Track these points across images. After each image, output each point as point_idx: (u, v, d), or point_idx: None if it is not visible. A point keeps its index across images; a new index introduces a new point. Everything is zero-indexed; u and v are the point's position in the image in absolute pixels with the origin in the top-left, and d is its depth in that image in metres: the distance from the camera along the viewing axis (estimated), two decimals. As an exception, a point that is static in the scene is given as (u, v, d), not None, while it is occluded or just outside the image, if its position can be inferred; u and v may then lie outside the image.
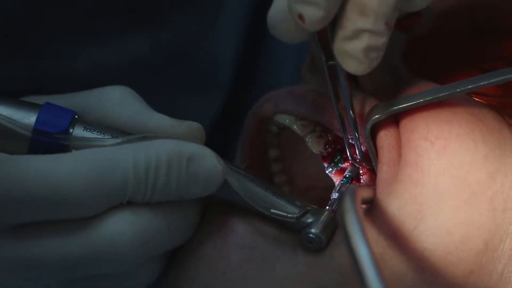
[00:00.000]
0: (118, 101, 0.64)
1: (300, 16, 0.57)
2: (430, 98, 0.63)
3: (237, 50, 0.89)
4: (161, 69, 0.82)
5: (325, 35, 0.59)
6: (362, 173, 0.68)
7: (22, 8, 0.71)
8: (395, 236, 0.61)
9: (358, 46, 0.57)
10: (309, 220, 0.64)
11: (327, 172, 0.69)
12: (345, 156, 0.69)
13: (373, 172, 0.68)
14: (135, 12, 0.77)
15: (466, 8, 0.70)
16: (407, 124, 0.64)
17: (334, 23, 0.58)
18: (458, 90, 0.62)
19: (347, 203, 0.55)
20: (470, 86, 0.61)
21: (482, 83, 0.61)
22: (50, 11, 0.72)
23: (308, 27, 0.57)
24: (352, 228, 0.54)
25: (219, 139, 0.67)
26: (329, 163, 0.69)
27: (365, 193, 0.63)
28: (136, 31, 0.78)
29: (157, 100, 0.66)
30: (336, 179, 0.70)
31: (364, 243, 0.53)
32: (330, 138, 0.69)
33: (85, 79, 0.68)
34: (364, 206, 0.64)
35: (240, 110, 0.78)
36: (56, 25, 0.73)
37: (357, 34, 0.57)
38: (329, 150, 0.69)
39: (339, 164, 0.69)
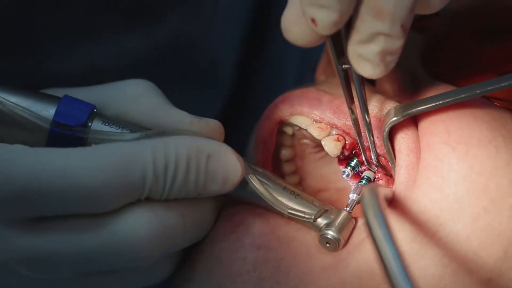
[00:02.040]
0: (138, 95, 0.64)
1: (313, 20, 0.56)
2: (450, 100, 0.62)
3: (237, 48, 0.89)
4: (158, 68, 0.81)
5: (340, 38, 0.58)
6: (378, 177, 0.68)
7: (18, 7, 0.71)
8: (415, 241, 0.60)
9: (374, 49, 0.56)
10: (327, 221, 0.63)
11: (343, 176, 0.69)
12: (361, 160, 0.68)
13: (389, 177, 0.67)
14: (131, 11, 0.77)
15: (481, 9, 0.70)
16: (426, 127, 0.63)
17: (348, 26, 0.57)
18: (478, 91, 0.61)
19: (372, 199, 0.55)
20: (490, 88, 0.60)
21: (503, 84, 0.60)
22: (45, 10, 0.72)
23: (320, 31, 0.56)
24: (378, 223, 0.53)
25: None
26: (346, 167, 0.69)
27: (385, 193, 0.62)
28: (132, 31, 0.78)
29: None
30: (353, 183, 0.69)
31: (389, 237, 0.52)
32: (346, 142, 0.68)
33: (81, 78, 0.68)
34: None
35: (243, 109, 0.77)
36: (51, 24, 0.73)
37: (372, 37, 0.56)
38: (346, 153, 0.69)
39: (356, 169, 0.68)
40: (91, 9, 0.75)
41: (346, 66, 0.61)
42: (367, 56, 0.56)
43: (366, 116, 0.64)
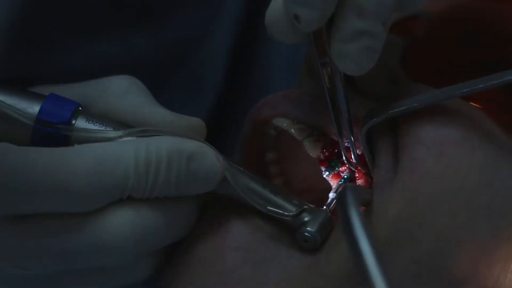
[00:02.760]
0: (122, 92, 0.65)
1: (296, 17, 0.57)
2: (427, 102, 0.63)
3: (230, 51, 0.89)
4: (161, 68, 0.82)
5: (322, 36, 0.59)
6: (357, 177, 0.69)
7: (24, 3, 0.72)
8: (392, 241, 0.61)
9: (356, 47, 0.57)
10: (306, 219, 0.64)
11: (324, 176, 0.70)
12: (342, 160, 0.69)
13: (369, 177, 0.68)
14: (138, 9, 0.78)
15: (463, 12, 0.71)
16: (404, 128, 0.64)
17: (330, 24, 0.58)
18: (455, 93, 0.62)
19: (349, 198, 0.56)
20: (466, 90, 0.62)
21: (479, 86, 0.61)
22: (51, 6, 0.73)
23: (303, 28, 0.57)
24: (355, 222, 0.54)
25: (208, 139, 0.67)
26: (327, 167, 0.70)
27: (364, 194, 0.63)
28: (138, 29, 0.78)
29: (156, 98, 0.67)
30: (334, 183, 0.70)
31: (366, 235, 0.53)
32: (327, 142, 0.69)
33: (85, 75, 0.69)
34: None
35: (232, 111, 0.78)
36: (57, 20, 0.74)
37: (354, 35, 0.57)
38: (327, 154, 0.70)
39: (336, 168, 0.69)
40: (98, 5, 0.75)
41: (327, 63, 0.62)
42: (349, 53, 0.58)
43: (347, 115, 0.65)
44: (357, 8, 0.56)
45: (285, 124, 0.70)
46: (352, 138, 0.66)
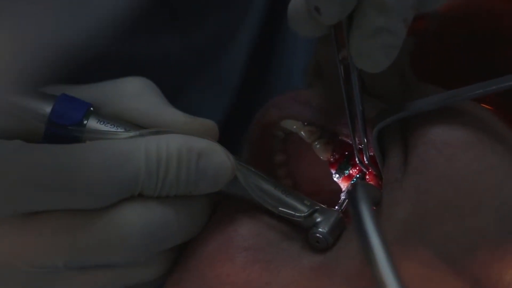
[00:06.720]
0: (135, 93, 0.65)
1: (317, 9, 0.57)
2: (439, 103, 0.63)
3: (250, 52, 0.90)
4: (186, 68, 0.82)
5: (341, 32, 0.59)
6: (368, 179, 0.69)
7: None
8: (402, 242, 0.61)
9: (375, 44, 0.57)
10: (318, 220, 0.64)
11: (335, 178, 0.70)
12: (352, 162, 0.69)
13: (379, 178, 0.68)
14: (169, 9, 0.78)
15: (469, 12, 0.71)
16: (414, 130, 0.64)
17: (351, 20, 0.58)
18: (467, 95, 0.62)
19: (360, 193, 0.56)
20: (478, 91, 0.61)
21: (491, 88, 0.61)
22: None
23: (323, 21, 0.58)
24: (365, 214, 0.54)
25: (222, 141, 0.67)
26: (337, 169, 0.70)
27: (374, 192, 0.63)
28: (168, 29, 0.79)
29: (175, 97, 0.67)
30: (344, 186, 0.70)
31: (376, 228, 0.53)
32: (337, 144, 0.69)
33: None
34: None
35: (250, 112, 0.78)
36: None
37: (375, 32, 0.57)
38: (337, 156, 0.70)
39: (346, 171, 0.69)
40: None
41: (345, 61, 0.62)
42: (369, 50, 0.58)
43: (362, 114, 0.65)
44: (378, 4, 0.56)
45: (294, 127, 0.70)
46: (366, 138, 0.66)
